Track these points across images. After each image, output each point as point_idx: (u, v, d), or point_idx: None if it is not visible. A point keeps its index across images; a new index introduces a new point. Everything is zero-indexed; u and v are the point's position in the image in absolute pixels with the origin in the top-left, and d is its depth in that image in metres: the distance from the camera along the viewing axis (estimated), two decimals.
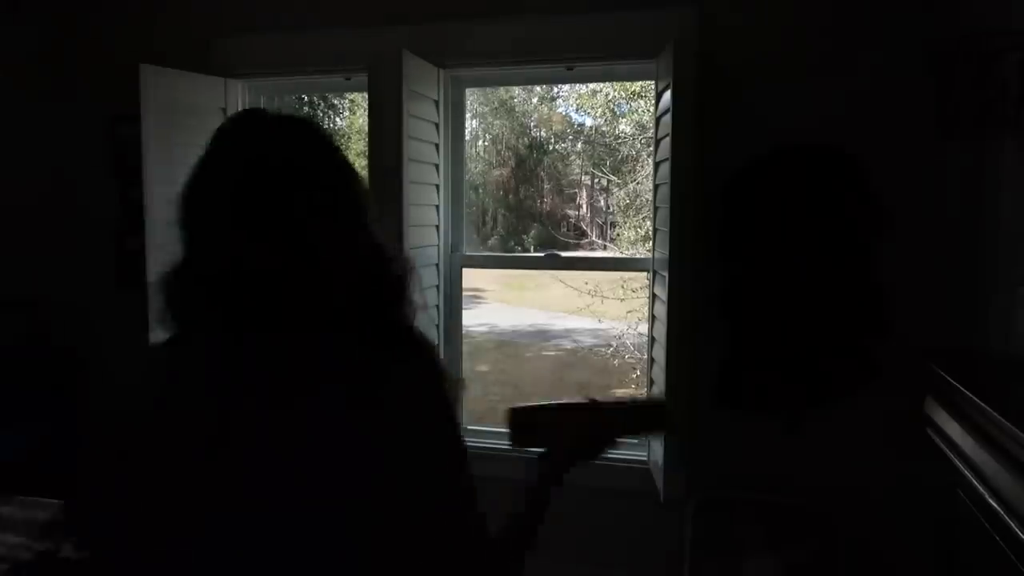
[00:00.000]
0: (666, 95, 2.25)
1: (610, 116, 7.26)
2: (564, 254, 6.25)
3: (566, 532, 2.64)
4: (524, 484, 0.98)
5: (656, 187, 2.47)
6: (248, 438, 0.79)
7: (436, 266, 2.70)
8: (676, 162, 2.18)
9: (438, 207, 2.69)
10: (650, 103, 5.85)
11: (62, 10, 3.03)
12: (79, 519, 1.00)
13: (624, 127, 7.17)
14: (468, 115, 2.99)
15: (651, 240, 2.59)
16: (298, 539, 0.78)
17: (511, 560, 0.91)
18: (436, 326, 2.68)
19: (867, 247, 2.29)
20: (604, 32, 2.48)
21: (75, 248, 3.10)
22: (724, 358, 2.41)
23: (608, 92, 6.93)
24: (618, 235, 7.69)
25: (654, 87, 2.49)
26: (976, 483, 1.59)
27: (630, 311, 6.63)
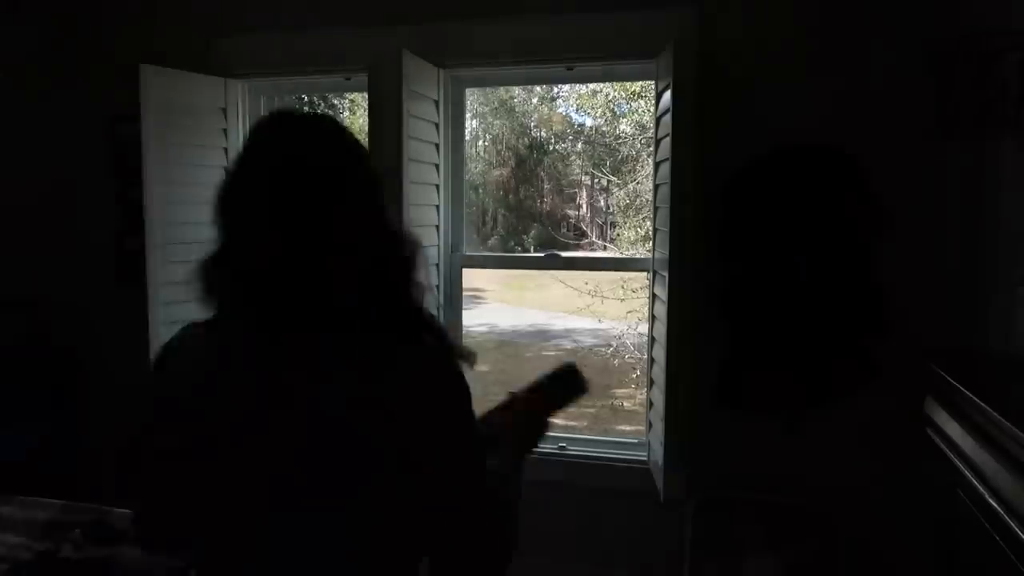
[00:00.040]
0: (666, 95, 2.25)
1: (610, 116, 7.26)
2: (564, 254, 6.25)
3: (566, 532, 2.64)
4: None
5: (656, 187, 2.47)
6: (280, 413, 0.85)
7: (436, 266, 2.70)
8: (676, 162, 2.18)
9: (438, 207, 2.69)
10: (650, 103, 5.84)
11: (62, 10, 3.03)
12: (123, 491, 1.05)
13: (624, 127, 7.17)
14: (468, 115, 2.98)
15: (651, 240, 2.59)
16: (325, 509, 0.85)
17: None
18: None
19: (867, 247, 2.29)
20: (604, 32, 2.48)
21: (75, 248, 3.10)
22: (724, 358, 2.41)
23: (608, 92, 6.93)
24: (618, 235, 7.69)
25: (654, 87, 2.49)
26: (976, 483, 1.59)
27: (630, 311, 6.63)
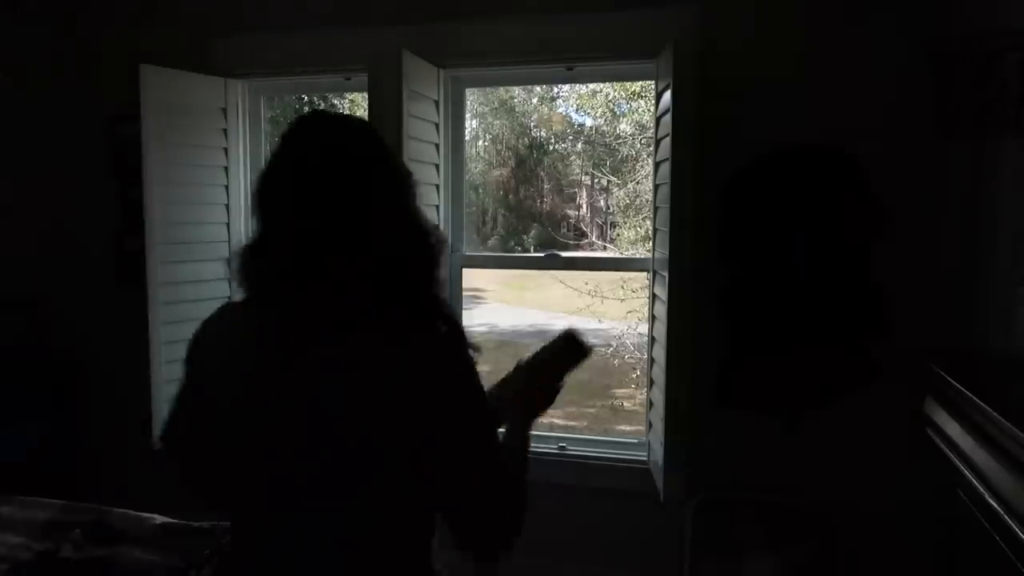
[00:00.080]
0: (666, 95, 2.25)
1: (610, 116, 7.26)
2: (564, 254, 6.24)
3: (566, 532, 2.64)
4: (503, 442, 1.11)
5: (656, 187, 2.47)
6: (303, 387, 0.96)
7: None
8: (676, 162, 2.18)
9: (438, 207, 2.69)
10: (650, 103, 5.84)
11: (62, 10, 3.03)
12: (172, 448, 1.13)
13: (624, 127, 7.16)
14: (468, 115, 2.98)
15: (651, 240, 2.59)
16: (345, 476, 0.95)
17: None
18: None
19: (867, 247, 2.29)
20: (604, 32, 2.48)
21: (75, 248, 3.10)
22: (724, 358, 2.41)
23: (608, 92, 6.92)
24: (618, 235, 7.69)
25: (654, 87, 2.49)
26: (976, 483, 1.59)
27: (630, 311, 6.62)
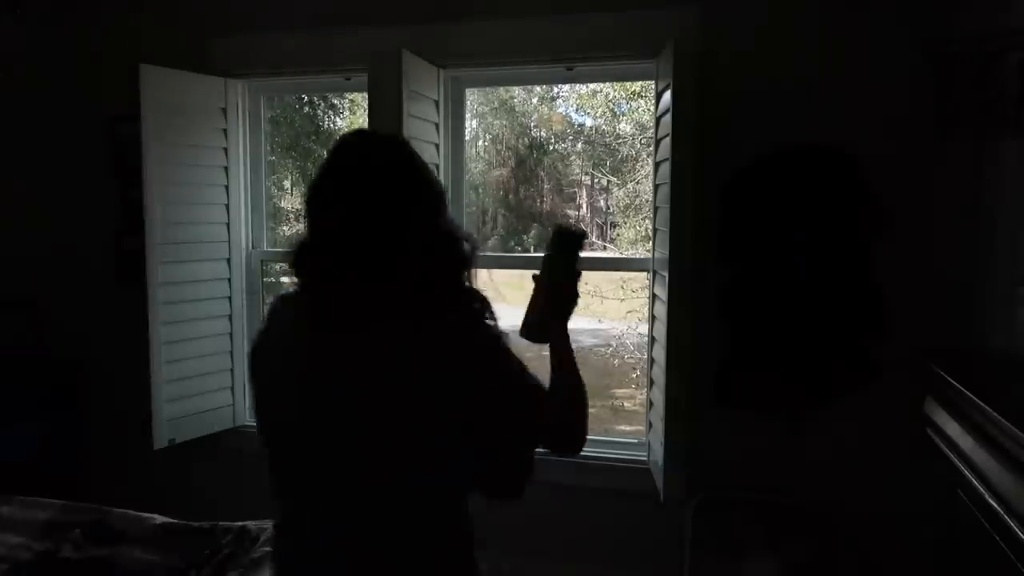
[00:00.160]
0: (666, 95, 2.25)
1: (610, 116, 7.25)
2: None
3: (566, 532, 2.65)
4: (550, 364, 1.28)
5: (656, 187, 2.47)
6: (356, 362, 1.10)
7: None
8: (676, 162, 2.18)
9: None
10: (650, 103, 5.83)
11: (62, 10, 3.04)
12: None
13: (624, 127, 7.15)
14: (468, 115, 2.98)
15: (651, 240, 2.59)
16: (396, 432, 1.08)
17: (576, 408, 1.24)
18: None
19: (867, 247, 2.29)
20: (604, 32, 2.48)
21: (75, 248, 3.10)
22: (724, 358, 2.41)
23: (608, 92, 6.91)
24: (618, 235, 7.68)
25: (654, 87, 2.49)
26: (976, 483, 1.59)
27: (630, 311, 6.62)
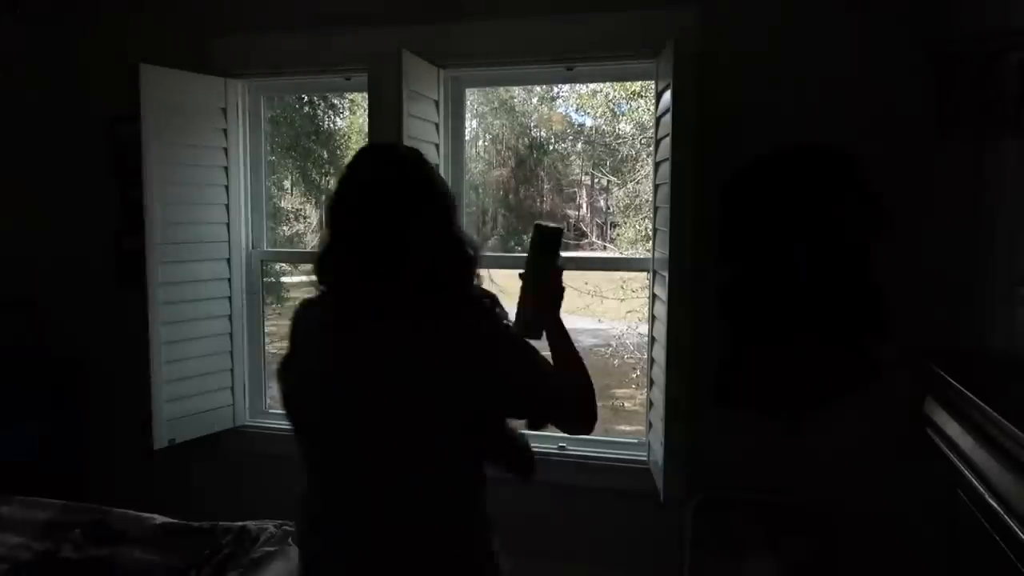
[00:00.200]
0: (666, 95, 2.25)
1: (610, 116, 7.25)
2: (564, 254, 6.22)
3: (566, 532, 2.65)
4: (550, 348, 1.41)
5: (656, 187, 2.47)
6: (376, 358, 1.18)
7: None
8: (676, 162, 2.18)
9: None
10: (650, 103, 5.83)
11: (62, 10, 3.04)
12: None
13: (624, 127, 7.15)
14: (468, 115, 2.98)
15: (651, 240, 2.59)
16: (419, 413, 1.17)
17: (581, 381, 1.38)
18: None
19: (867, 247, 2.29)
20: (604, 32, 2.48)
21: (75, 248, 3.10)
22: (724, 358, 2.41)
23: (608, 92, 6.91)
24: (618, 235, 7.68)
25: (654, 87, 2.49)
26: (976, 483, 1.59)
27: (630, 311, 6.62)
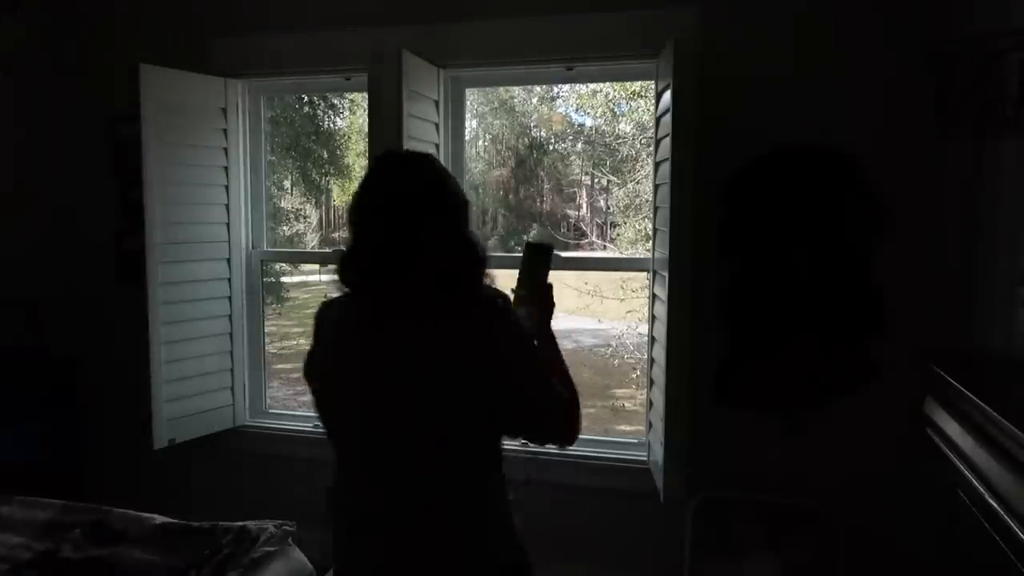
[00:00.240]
0: (666, 95, 2.25)
1: (610, 116, 7.25)
2: (564, 254, 6.23)
3: (567, 532, 2.64)
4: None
5: (656, 187, 2.47)
6: (396, 351, 1.24)
7: None
8: (676, 162, 2.18)
9: None
10: (650, 103, 5.83)
11: (62, 10, 3.04)
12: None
13: (624, 127, 7.15)
14: (468, 115, 2.98)
15: (651, 240, 2.59)
16: (435, 408, 1.23)
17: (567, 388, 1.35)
18: None
19: (867, 247, 2.29)
20: (604, 32, 2.48)
21: (75, 248, 3.10)
22: (724, 358, 2.41)
23: (608, 92, 6.91)
24: (618, 235, 7.68)
25: (654, 87, 2.49)
26: (976, 483, 1.59)
27: (630, 311, 6.62)
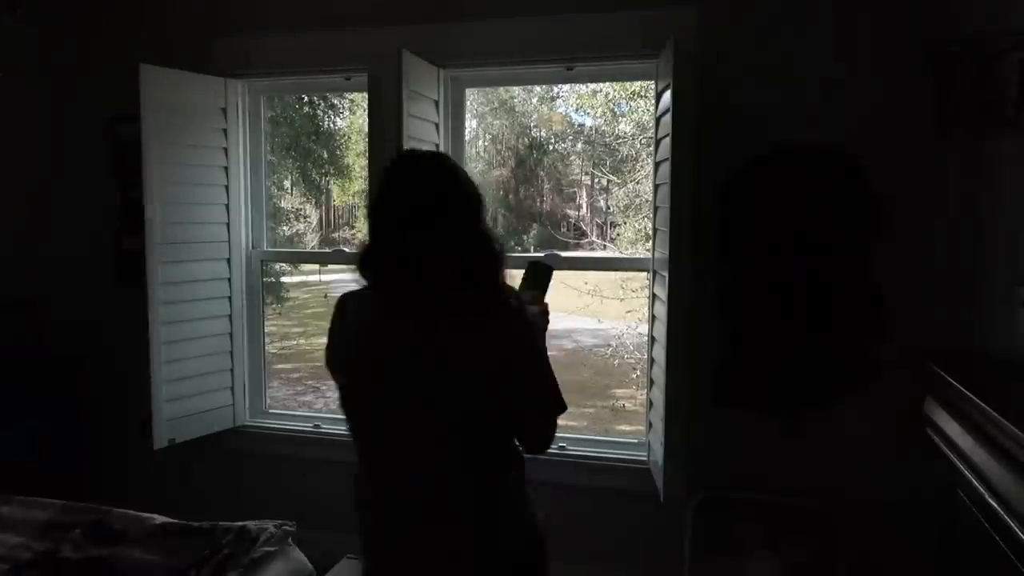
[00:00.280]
0: (666, 95, 2.25)
1: (610, 116, 7.24)
2: (564, 254, 6.23)
3: (567, 532, 2.64)
4: None
5: (656, 187, 2.47)
6: (414, 346, 1.29)
7: None
8: (676, 162, 2.18)
9: None
10: (650, 103, 5.83)
11: (62, 10, 3.04)
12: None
13: (624, 127, 7.15)
14: (468, 115, 2.98)
15: (651, 240, 2.59)
16: (452, 404, 1.28)
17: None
18: None
19: (867, 247, 2.29)
20: (604, 32, 2.48)
21: (75, 248, 3.10)
22: (724, 358, 2.41)
23: (608, 92, 6.90)
24: (618, 235, 7.68)
25: (654, 87, 2.49)
26: (976, 483, 1.59)
27: (629, 311, 6.62)
